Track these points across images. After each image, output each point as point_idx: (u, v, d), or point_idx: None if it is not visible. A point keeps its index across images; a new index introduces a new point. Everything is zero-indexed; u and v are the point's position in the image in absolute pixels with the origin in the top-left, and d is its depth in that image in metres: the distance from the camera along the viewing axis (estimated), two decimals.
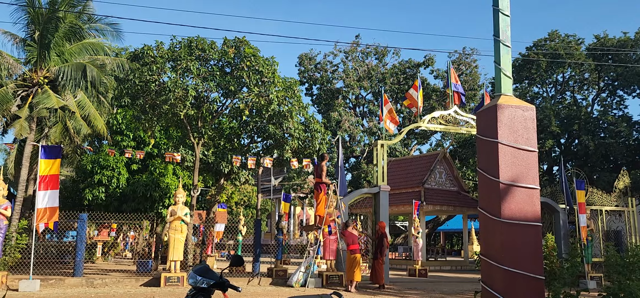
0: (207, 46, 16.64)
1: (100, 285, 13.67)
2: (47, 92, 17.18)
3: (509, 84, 7.21)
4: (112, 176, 20.22)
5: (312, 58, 41.85)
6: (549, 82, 38.74)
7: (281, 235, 18.54)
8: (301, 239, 40.79)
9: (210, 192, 25.23)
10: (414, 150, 41.55)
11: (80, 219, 15.12)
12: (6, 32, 18.58)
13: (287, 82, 17.55)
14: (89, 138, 21.14)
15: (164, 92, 15.99)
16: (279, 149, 18.57)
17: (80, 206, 20.18)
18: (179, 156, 17.90)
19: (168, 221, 14.73)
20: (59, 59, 18.50)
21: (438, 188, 27.22)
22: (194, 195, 17.49)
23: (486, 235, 7.06)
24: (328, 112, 38.71)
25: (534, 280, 6.58)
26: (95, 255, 26.19)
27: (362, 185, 33.00)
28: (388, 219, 17.62)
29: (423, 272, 20.33)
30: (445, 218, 39.55)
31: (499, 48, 7.27)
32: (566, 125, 34.38)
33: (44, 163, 13.33)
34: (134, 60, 16.92)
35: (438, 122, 19.46)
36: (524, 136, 6.92)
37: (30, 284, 12.41)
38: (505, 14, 7.32)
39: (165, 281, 13.80)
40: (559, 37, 36.62)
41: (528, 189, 6.78)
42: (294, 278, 15.20)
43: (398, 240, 43.40)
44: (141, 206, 20.43)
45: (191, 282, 4.70)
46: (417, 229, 21.07)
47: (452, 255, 43.77)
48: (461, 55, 39.70)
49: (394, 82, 39.91)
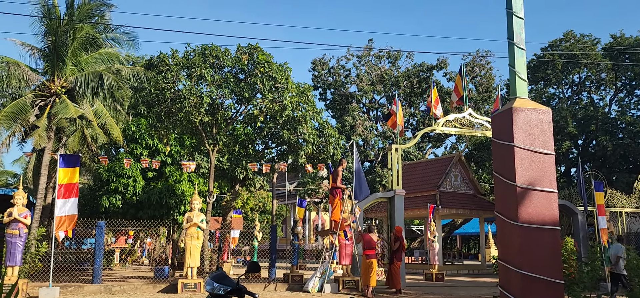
0: (221, 53, 16.76)
1: (119, 292, 13.80)
2: (64, 101, 17.43)
3: (524, 86, 7.15)
4: (128, 184, 20.41)
5: (325, 63, 41.90)
6: (565, 82, 38.35)
7: (297, 240, 18.56)
8: (317, 244, 40.75)
9: (226, 198, 25.35)
10: (429, 153, 41.35)
11: (98, 226, 15.28)
12: (24, 43, 18.90)
13: (301, 88, 17.59)
14: (106, 146, 21.39)
15: (179, 100, 16.12)
16: (293, 154, 18.60)
17: (97, 213, 20.40)
18: (194, 165, 18.02)
19: (184, 228, 14.83)
20: (76, 69, 18.77)
21: (453, 191, 27.05)
22: (209, 201, 17.59)
23: (503, 239, 7.00)
24: (342, 116, 38.71)
25: (553, 285, 6.50)
26: (113, 262, 26.44)
27: (377, 190, 32.90)
28: (404, 223, 17.55)
29: (440, 277, 20.20)
30: (461, 221, 39.26)
31: (514, 51, 7.22)
32: (583, 126, 33.97)
33: (62, 171, 13.52)
34: (149, 69, 17.10)
35: (453, 125, 19.35)
36: (541, 139, 6.85)
37: (50, 292, 12.57)
38: (518, 16, 7.26)
39: (182, 287, 13.89)
40: (574, 37, 36.24)
41: (545, 193, 6.71)
42: (310, 283, 15.19)
43: (414, 244, 43.14)
44: (157, 213, 20.59)
45: (208, 289, 4.72)
46: (433, 233, 20.95)
47: (469, 258, 43.41)
48: (475, 57, 39.45)
49: (407, 86, 39.79)
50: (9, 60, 17.89)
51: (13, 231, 12.71)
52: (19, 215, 12.79)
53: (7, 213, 12.84)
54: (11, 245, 12.65)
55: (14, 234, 12.71)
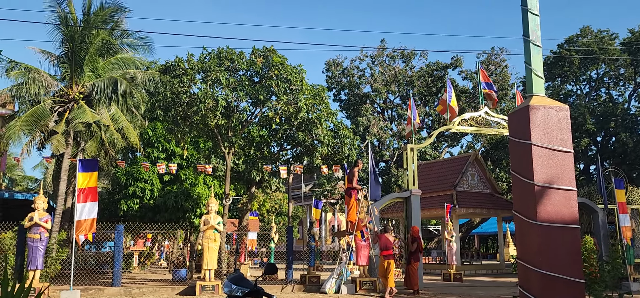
0: (235, 56, 16.85)
1: (138, 295, 13.94)
2: (82, 107, 17.68)
3: (541, 84, 7.07)
4: (146, 188, 20.62)
5: (339, 64, 41.90)
6: (582, 79, 37.83)
7: (313, 241, 18.57)
8: (333, 245, 40.74)
9: (242, 201, 25.47)
10: (445, 153, 41.09)
11: (117, 230, 15.45)
12: (43, 51, 19.24)
13: (315, 89, 17.61)
14: (123, 151, 21.64)
15: (195, 103, 16.24)
16: (308, 155, 18.63)
17: (116, 217, 20.65)
18: (211, 168, 18.12)
19: (201, 230, 14.93)
20: (93, 74, 19.03)
21: (470, 190, 26.84)
22: (225, 204, 17.69)
23: (522, 238, 6.93)
24: (356, 117, 38.66)
25: (573, 284, 6.42)
26: (132, 265, 26.74)
27: (393, 190, 32.79)
28: (420, 223, 17.46)
29: (458, 277, 20.05)
30: (479, 221, 38.93)
31: (529, 48, 7.15)
32: (602, 122, 33.47)
33: (81, 176, 13.68)
34: (165, 73, 17.25)
35: (468, 123, 19.18)
36: (559, 137, 6.77)
37: (71, 295, 12.74)
38: (534, 13, 7.19)
39: (201, 289, 13.97)
40: (591, 32, 35.74)
41: (564, 191, 6.63)
42: (327, 284, 15.18)
43: (431, 245, 42.93)
44: (174, 216, 20.77)
45: (226, 291, 4.74)
46: (450, 233, 20.81)
47: (487, 258, 43.00)
48: (490, 55, 39.13)
49: (422, 85, 39.60)
50: (29, 68, 18.22)
51: (34, 235, 12.91)
52: (39, 219, 12.98)
53: (28, 218, 13.04)
54: (33, 249, 12.85)
55: (35, 238, 12.90)
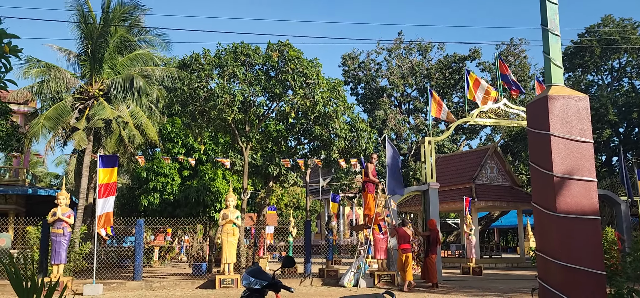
0: (251, 51, 16.92)
1: (159, 288, 14.15)
2: (102, 103, 17.94)
3: (560, 73, 6.97)
4: (166, 182, 20.84)
5: (355, 57, 41.79)
6: (604, 69, 37.17)
7: (331, 235, 18.60)
8: (351, 239, 40.75)
9: (260, 195, 25.62)
10: (463, 145, 40.75)
11: (138, 225, 15.67)
12: (61, 48, 19.50)
13: (331, 83, 17.60)
14: (142, 146, 21.90)
15: (212, 98, 16.36)
16: (325, 149, 18.65)
17: (136, 212, 20.92)
18: (229, 162, 18.23)
19: (220, 225, 15.07)
20: (112, 71, 19.27)
21: (489, 183, 26.60)
22: (244, 198, 17.81)
23: (541, 230, 6.85)
24: (373, 110, 38.55)
25: (594, 276, 6.33)
26: (153, 259, 27.09)
27: (411, 183, 32.65)
28: (438, 217, 17.37)
29: (477, 270, 19.92)
30: (498, 214, 38.58)
31: (548, 37, 7.04)
32: (624, 113, 32.86)
33: (102, 172, 13.90)
34: (183, 69, 17.40)
35: (487, 115, 18.99)
36: (578, 127, 6.67)
37: (94, 288, 12.98)
38: (552, 2, 7.08)
39: (220, 283, 14.12)
40: (613, 21, 35.06)
41: (584, 182, 6.53)
42: (346, 278, 15.21)
43: (450, 238, 42.64)
44: (193, 211, 20.98)
45: (245, 284, 4.80)
46: (469, 226, 20.68)
47: (507, 252, 42.57)
48: (509, 46, 38.65)
49: (439, 77, 39.29)
50: (50, 66, 18.51)
51: (57, 230, 13.19)
52: (62, 215, 13.24)
53: (52, 213, 13.32)
54: (56, 243, 13.13)
55: (59, 233, 13.17)
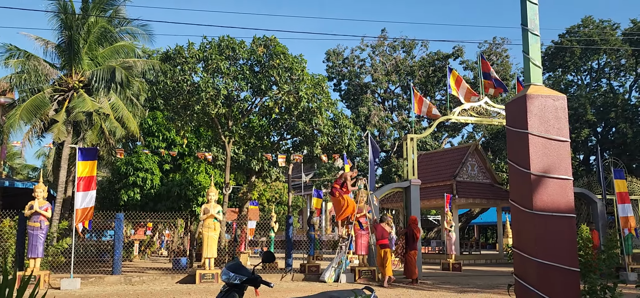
0: (236, 45, 16.84)
1: (138, 283, 14.04)
2: (82, 95, 17.69)
3: (539, 73, 7.06)
4: (146, 177, 20.65)
5: (339, 53, 41.81)
6: (583, 69, 37.74)
7: (313, 231, 18.64)
8: (333, 235, 40.87)
9: (242, 190, 25.55)
10: (445, 143, 41.08)
11: (117, 219, 15.52)
12: (38, 38, 19.10)
13: (316, 79, 17.61)
14: (123, 140, 21.66)
15: (196, 92, 16.25)
16: (308, 145, 18.67)
17: (116, 206, 20.71)
18: (211, 156, 18.14)
19: (201, 219, 15.01)
20: (92, 63, 19.01)
21: (470, 181, 26.89)
22: (226, 193, 17.75)
23: (518, 227, 6.96)
24: (357, 107, 38.63)
25: (569, 273, 6.46)
26: (133, 254, 26.86)
27: (393, 180, 32.85)
28: (420, 213, 17.51)
29: (457, 266, 20.14)
30: (478, 211, 39.03)
31: (528, 37, 7.13)
32: (602, 113, 33.43)
33: (81, 165, 13.72)
34: (166, 61, 17.24)
35: (469, 114, 19.17)
36: (555, 126, 6.77)
37: (71, 283, 12.84)
38: (533, 2, 7.17)
39: (200, 278, 14.07)
40: (593, 22, 35.60)
41: (561, 180, 6.64)
42: (327, 273, 15.28)
43: (431, 235, 43.03)
44: (175, 205, 20.84)
45: (224, 278, 4.80)
46: (449, 223, 20.88)
47: (486, 248, 43.13)
48: (491, 45, 39.01)
49: (422, 75, 39.52)
50: (30, 55, 18.19)
51: (34, 224, 13.00)
52: (39, 208, 13.06)
53: (29, 206, 13.13)
54: (33, 237, 12.95)
55: (36, 227, 12.99)
